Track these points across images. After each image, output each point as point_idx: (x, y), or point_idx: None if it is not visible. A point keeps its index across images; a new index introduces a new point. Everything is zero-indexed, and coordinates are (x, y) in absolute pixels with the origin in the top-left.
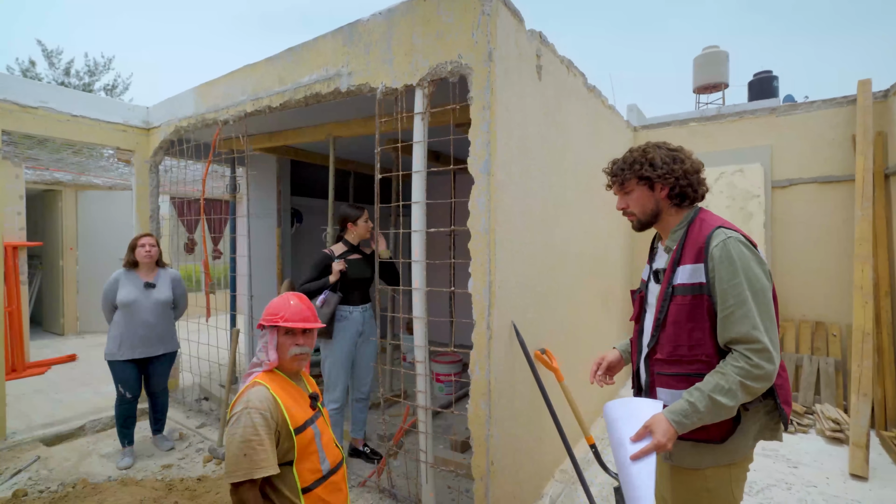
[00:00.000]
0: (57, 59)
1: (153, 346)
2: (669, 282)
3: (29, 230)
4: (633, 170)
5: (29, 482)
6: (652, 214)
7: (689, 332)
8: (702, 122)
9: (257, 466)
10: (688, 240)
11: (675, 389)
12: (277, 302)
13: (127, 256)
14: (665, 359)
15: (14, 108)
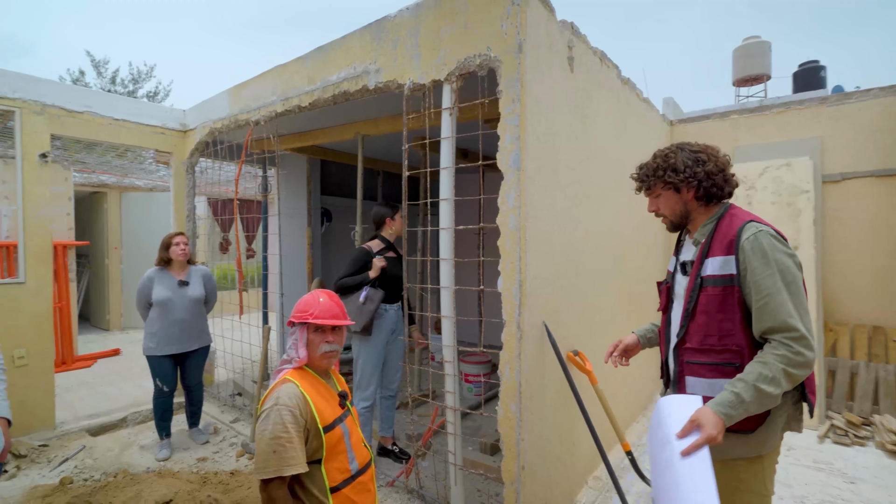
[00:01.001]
0: (104, 68)
1: (188, 341)
2: (698, 273)
3: (77, 230)
4: (658, 176)
5: (75, 470)
6: (682, 216)
7: (719, 323)
8: (744, 115)
9: (287, 464)
10: (717, 233)
11: (705, 378)
12: (307, 299)
13: (160, 255)
14: (695, 348)
15: (62, 114)
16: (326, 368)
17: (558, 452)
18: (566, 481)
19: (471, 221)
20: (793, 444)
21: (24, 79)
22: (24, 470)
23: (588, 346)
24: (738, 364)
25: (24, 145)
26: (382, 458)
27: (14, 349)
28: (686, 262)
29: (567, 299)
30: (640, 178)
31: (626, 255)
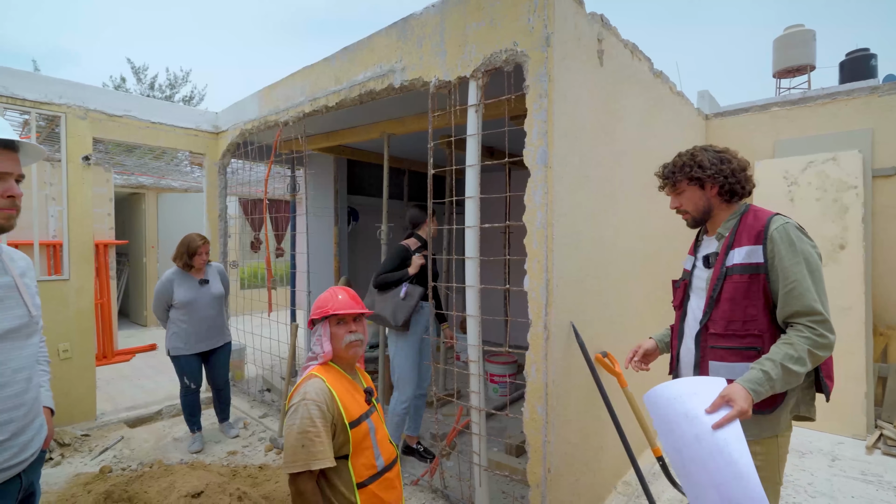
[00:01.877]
0: (143, 74)
1: (214, 338)
2: (723, 263)
3: (117, 230)
4: (684, 172)
5: (113, 460)
6: (705, 211)
7: (744, 309)
8: (786, 107)
9: (314, 458)
10: (741, 227)
11: (728, 362)
12: (324, 296)
13: (184, 259)
14: (719, 333)
15: (103, 118)
16: (353, 360)
17: (586, 456)
18: (594, 486)
19: (496, 220)
20: (838, 454)
21: (68, 85)
22: (68, 458)
23: (617, 348)
24: (760, 348)
25: (68, 148)
26: (407, 456)
27: (59, 343)
28: (709, 254)
29: (595, 299)
30: (666, 175)
31: (656, 255)
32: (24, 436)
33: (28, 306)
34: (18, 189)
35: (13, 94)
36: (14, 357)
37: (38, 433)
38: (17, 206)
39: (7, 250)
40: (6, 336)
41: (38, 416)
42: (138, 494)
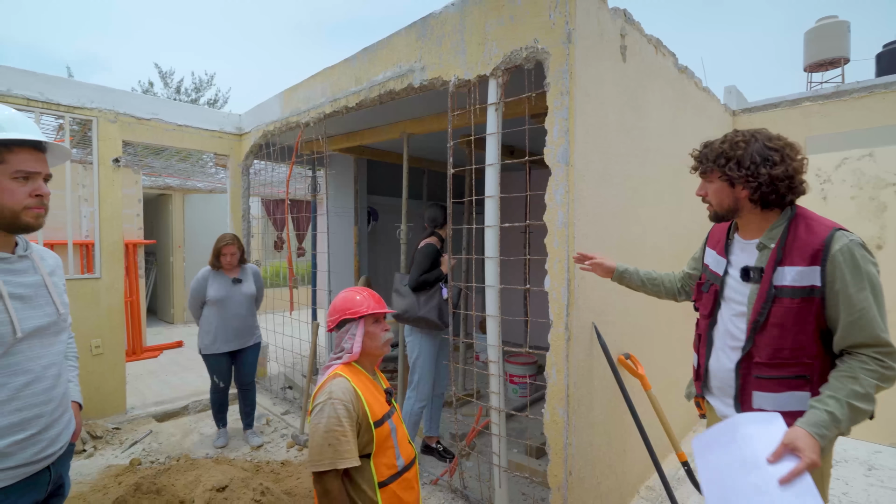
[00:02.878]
0: (170, 78)
1: (244, 337)
2: (770, 283)
3: (145, 230)
4: (718, 163)
5: (142, 453)
6: (729, 210)
7: (793, 336)
8: (818, 102)
9: (341, 456)
10: (792, 239)
11: (775, 393)
12: (349, 297)
13: (212, 259)
14: (765, 362)
15: (132, 121)
16: (379, 359)
17: (608, 459)
18: (616, 490)
19: (516, 220)
20: (875, 463)
21: (100, 90)
22: (100, 450)
23: (642, 351)
24: (808, 377)
25: (100, 151)
26: (426, 455)
27: (91, 339)
28: (751, 268)
29: (619, 301)
30: (700, 159)
31: (685, 254)
32: (53, 430)
33: (56, 304)
34: (46, 188)
35: (49, 99)
36: (43, 354)
37: (66, 427)
38: (46, 206)
39: (37, 249)
40: (36, 333)
41: (67, 411)
42: (166, 487)
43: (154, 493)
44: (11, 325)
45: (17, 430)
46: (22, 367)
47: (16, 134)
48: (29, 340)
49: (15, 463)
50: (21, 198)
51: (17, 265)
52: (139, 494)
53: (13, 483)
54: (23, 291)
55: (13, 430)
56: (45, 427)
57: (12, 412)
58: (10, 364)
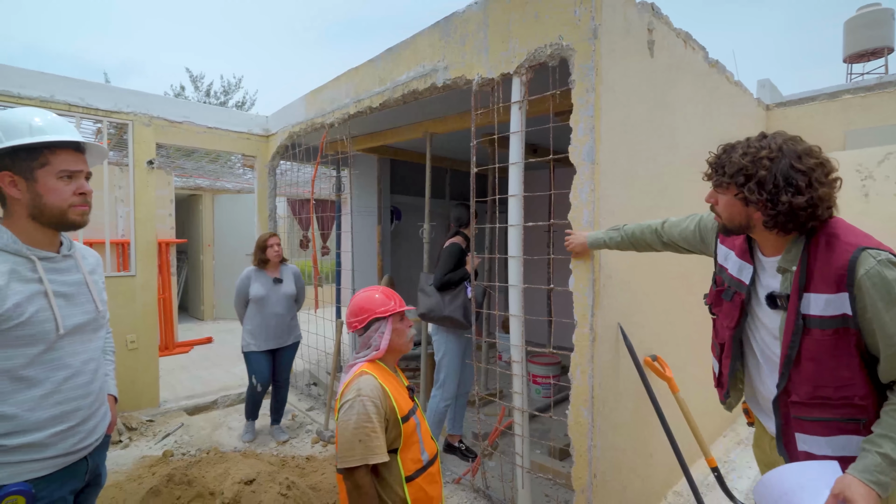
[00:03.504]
0: (200, 82)
1: (283, 336)
2: (797, 312)
3: (177, 229)
4: (736, 181)
5: (174, 445)
6: (739, 227)
7: (832, 371)
8: (859, 94)
9: (372, 452)
10: (814, 261)
11: (823, 436)
12: (371, 296)
13: (257, 255)
14: (804, 402)
15: (165, 124)
16: (402, 355)
17: (634, 463)
18: (642, 494)
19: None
20: None
21: (135, 95)
22: (135, 441)
23: (671, 353)
24: (865, 420)
25: (135, 153)
26: (448, 454)
27: (127, 334)
28: (776, 295)
29: (645, 301)
30: (715, 169)
31: None
32: (90, 422)
33: (96, 302)
34: (89, 186)
35: (88, 104)
36: (83, 350)
37: (102, 420)
38: (89, 203)
39: (79, 247)
40: (76, 330)
41: (104, 405)
42: (197, 478)
43: (185, 485)
44: (55, 323)
45: (58, 421)
46: (63, 362)
47: (57, 136)
48: (70, 337)
49: (55, 453)
50: (67, 196)
51: (62, 264)
52: (171, 485)
53: (53, 472)
54: (66, 290)
55: (54, 421)
56: (83, 419)
57: (53, 405)
58: (52, 359)
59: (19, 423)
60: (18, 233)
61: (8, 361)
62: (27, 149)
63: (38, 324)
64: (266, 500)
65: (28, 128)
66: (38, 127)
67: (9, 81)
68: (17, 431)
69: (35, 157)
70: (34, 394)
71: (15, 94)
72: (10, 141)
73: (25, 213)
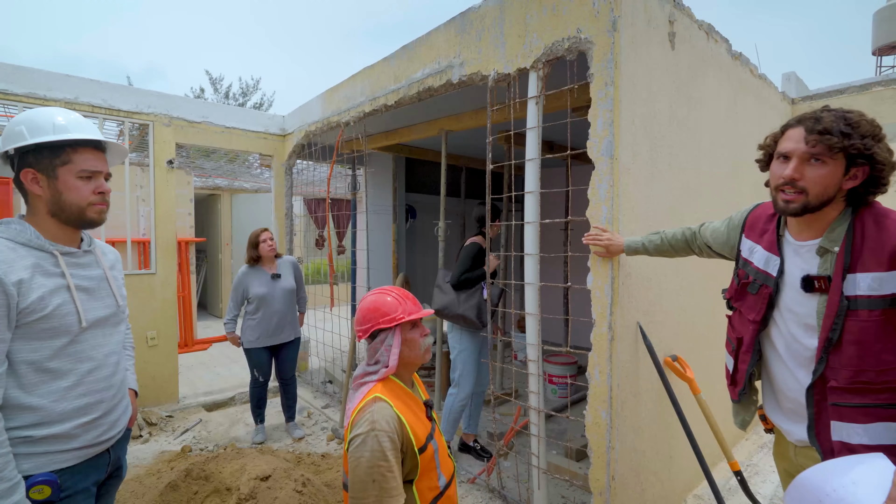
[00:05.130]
0: (219, 84)
1: (284, 332)
2: (841, 294)
3: (196, 228)
4: (850, 143)
5: (193, 440)
6: (823, 202)
7: (876, 355)
8: (891, 86)
9: (388, 494)
10: (861, 241)
11: (863, 424)
12: (380, 299)
13: (250, 253)
14: (844, 387)
15: (184, 124)
16: (419, 366)
17: (654, 465)
18: (662, 497)
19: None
20: None
21: (155, 96)
22: (155, 436)
23: (694, 354)
24: None
25: (155, 153)
26: (463, 454)
27: (147, 331)
28: (814, 277)
29: (667, 300)
30: (821, 131)
31: None
32: (112, 415)
33: (116, 297)
34: (107, 186)
35: (111, 105)
36: (105, 343)
37: (124, 413)
38: (107, 202)
39: (99, 244)
40: (98, 324)
41: (125, 398)
42: (214, 474)
43: (203, 480)
44: (78, 316)
45: (82, 413)
46: (86, 355)
47: (80, 134)
48: (92, 330)
49: (79, 444)
50: (86, 194)
51: (83, 259)
52: (189, 480)
53: (77, 463)
54: (87, 284)
55: (78, 413)
56: (105, 412)
57: (78, 397)
58: (76, 352)
59: (45, 415)
60: (40, 229)
61: (34, 353)
62: (50, 146)
63: (61, 317)
64: (282, 497)
65: (52, 126)
66: (61, 125)
67: (37, 84)
68: (44, 423)
69: (57, 155)
70: (59, 385)
71: (41, 96)
72: (33, 138)
73: (46, 209)
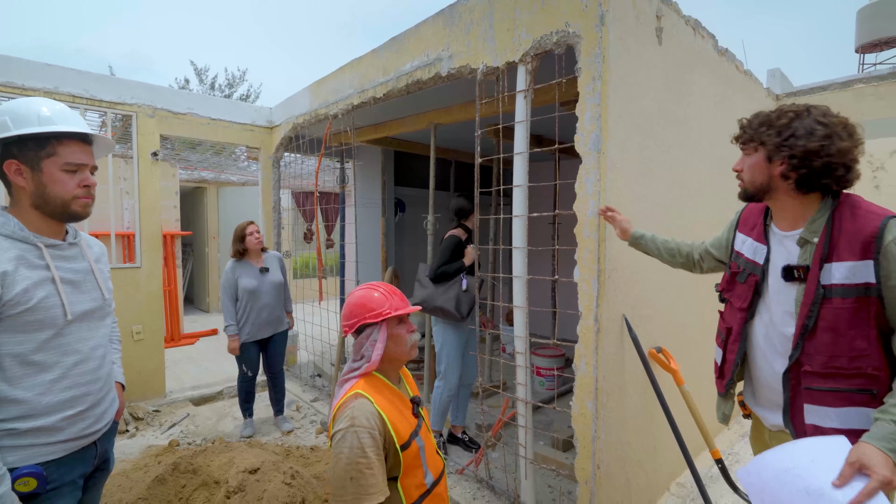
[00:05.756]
0: (205, 75)
1: (273, 325)
2: (817, 282)
3: (182, 221)
4: (758, 132)
5: (180, 434)
6: (760, 188)
7: (849, 341)
8: (872, 83)
9: (366, 492)
10: (838, 231)
11: (835, 407)
12: (368, 295)
13: (236, 247)
14: (817, 372)
15: (169, 115)
16: (405, 362)
17: (638, 455)
18: (647, 487)
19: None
20: None
21: (139, 86)
22: (141, 431)
23: (679, 346)
24: (876, 391)
25: (139, 145)
26: (452, 445)
27: (133, 325)
28: (793, 266)
29: (653, 293)
30: (744, 127)
31: None
32: (99, 408)
33: (102, 290)
34: (93, 179)
35: (92, 95)
36: (91, 336)
37: (110, 405)
38: (93, 195)
39: (84, 237)
40: (84, 317)
41: (111, 391)
42: (202, 467)
43: (191, 473)
44: (63, 308)
45: (67, 406)
46: (72, 348)
47: (66, 127)
48: (78, 323)
49: (65, 437)
50: (71, 188)
51: (68, 252)
52: (177, 473)
53: (64, 456)
54: (73, 277)
55: (64, 406)
56: (92, 405)
57: (63, 390)
58: (61, 345)
59: (31, 408)
60: (24, 221)
61: (19, 346)
62: (35, 138)
63: (46, 309)
64: (270, 489)
65: (37, 117)
66: (46, 117)
67: (14, 73)
68: (29, 415)
69: (42, 147)
70: (44, 378)
71: (20, 86)
72: (18, 129)
73: (29, 201)
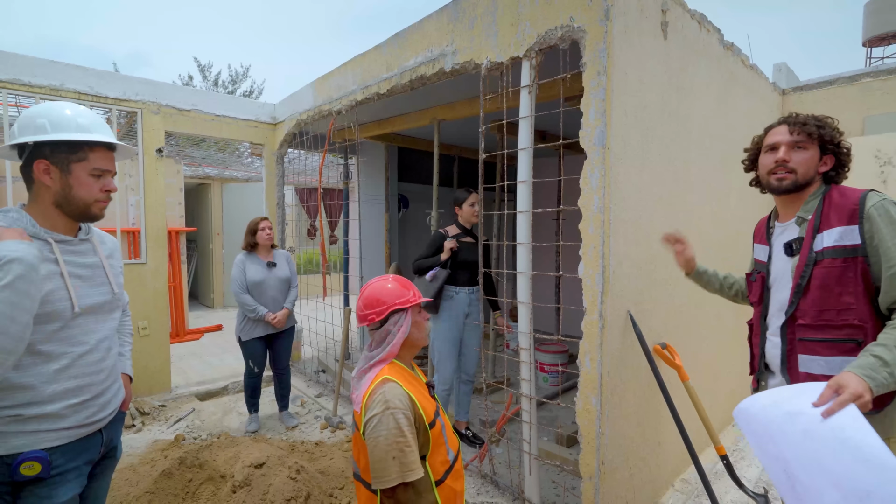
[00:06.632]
0: (208, 72)
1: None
2: (811, 248)
3: (187, 218)
4: (823, 131)
5: (186, 429)
6: (806, 182)
7: (837, 297)
8: (880, 77)
9: (409, 468)
10: (828, 207)
11: (822, 356)
12: (395, 285)
13: (247, 240)
14: (810, 324)
15: (173, 112)
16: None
17: (643, 451)
18: (651, 482)
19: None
20: None
21: (143, 83)
22: (148, 426)
23: (684, 342)
24: (861, 340)
25: (144, 141)
26: None
27: (139, 321)
28: (792, 241)
29: (657, 289)
30: (804, 121)
31: (734, 242)
32: (103, 397)
33: (112, 285)
34: (114, 185)
35: (98, 92)
36: (98, 329)
37: (116, 395)
38: (110, 199)
39: (97, 233)
40: (92, 310)
41: (116, 382)
42: (208, 462)
43: (197, 467)
44: (70, 302)
45: (72, 394)
46: (78, 340)
47: (99, 136)
48: (86, 316)
49: (70, 424)
50: (95, 192)
51: (79, 247)
52: (183, 468)
53: (69, 442)
54: (82, 271)
55: (68, 394)
56: (96, 394)
57: (68, 378)
58: (68, 336)
59: (36, 395)
60: (40, 217)
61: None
62: (69, 143)
63: (54, 302)
64: (276, 484)
65: (75, 125)
66: (82, 125)
67: (21, 70)
68: (34, 402)
69: (74, 152)
70: (51, 367)
71: (26, 83)
72: (56, 134)
73: (51, 199)
